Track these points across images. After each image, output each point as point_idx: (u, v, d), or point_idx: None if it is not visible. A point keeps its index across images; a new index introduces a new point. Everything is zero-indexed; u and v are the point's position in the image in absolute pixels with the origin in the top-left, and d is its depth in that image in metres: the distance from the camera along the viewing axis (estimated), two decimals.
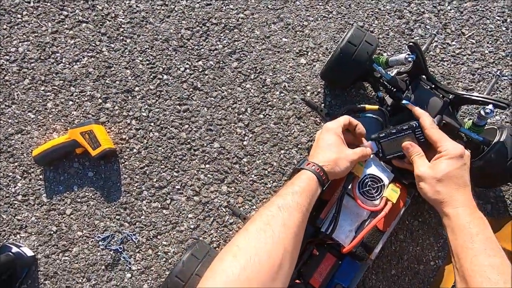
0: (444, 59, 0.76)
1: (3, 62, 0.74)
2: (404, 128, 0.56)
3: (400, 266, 0.68)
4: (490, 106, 0.57)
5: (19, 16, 0.76)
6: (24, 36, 0.76)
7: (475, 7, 0.78)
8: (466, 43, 0.77)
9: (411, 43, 0.58)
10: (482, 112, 0.58)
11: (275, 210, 0.41)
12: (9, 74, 0.74)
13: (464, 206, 0.45)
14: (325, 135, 0.51)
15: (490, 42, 0.77)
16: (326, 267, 0.58)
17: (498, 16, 0.78)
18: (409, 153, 0.54)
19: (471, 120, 0.62)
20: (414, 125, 0.55)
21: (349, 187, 0.56)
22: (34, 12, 0.77)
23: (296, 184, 0.45)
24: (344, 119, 0.54)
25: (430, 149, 0.53)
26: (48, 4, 0.77)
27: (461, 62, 0.76)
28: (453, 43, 0.77)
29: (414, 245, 0.69)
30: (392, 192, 0.56)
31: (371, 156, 0.58)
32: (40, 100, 0.73)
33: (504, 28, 0.78)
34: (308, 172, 0.46)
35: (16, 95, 0.73)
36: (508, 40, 0.77)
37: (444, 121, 0.62)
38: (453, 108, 0.64)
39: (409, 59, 0.60)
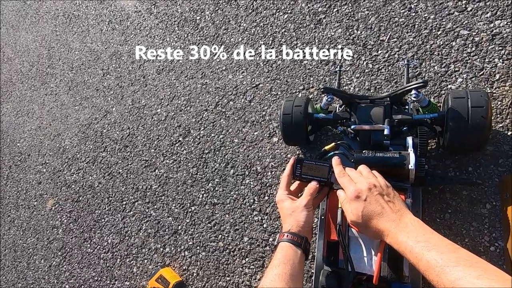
0: (380, 68, 0.84)
1: (103, 255, 1.07)
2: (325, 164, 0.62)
3: None
4: (413, 91, 0.63)
5: (102, 221, 1.13)
6: (108, 231, 1.10)
7: (379, 17, 0.89)
8: (390, 45, 0.85)
9: (321, 89, 0.71)
10: (413, 99, 0.64)
11: None
12: (107, 261, 1.05)
13: (396, 228, 0.45)
14: (280, 206, 0.60)
15: (409, 31, 0.84)
16: None
17: (402, 9, 0.87)
18: (340, 201, 0.57)
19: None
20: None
21: (343, 220, 0.61)
22: (108, 211, 1.13)
23: (275, 258, 0.53)
24: (283, 181, 0.62)
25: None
26: (114, 202, 1.13)
27: (395, 60, 0.83)
28: (379, 52, 0.86)
29: (460, 239, 0.64)
30: None
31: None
32: (128, 269, 1.00)
33: (413, 13, 0.85)
34: (282, 243, 0.54)
35: (115, 273, 1.02)
36: (424, 19, 0.83)
37: (395, 120, 0.67)
38: (397, 106, 0.69)
39: (329, 99, 0.72)
